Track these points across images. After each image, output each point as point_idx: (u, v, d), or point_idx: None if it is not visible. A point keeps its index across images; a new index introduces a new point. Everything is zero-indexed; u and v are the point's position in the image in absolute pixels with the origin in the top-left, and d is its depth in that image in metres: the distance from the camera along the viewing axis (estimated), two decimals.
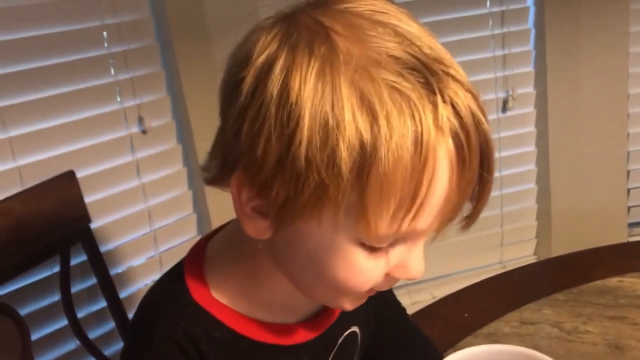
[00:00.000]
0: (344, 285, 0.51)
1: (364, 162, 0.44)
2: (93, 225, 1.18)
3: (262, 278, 0.57)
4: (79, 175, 1.15)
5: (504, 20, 1.66)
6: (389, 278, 0.52)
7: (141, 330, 0.58)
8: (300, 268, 0.53)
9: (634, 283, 0.95)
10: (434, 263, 1.68)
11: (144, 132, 1.36)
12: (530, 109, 1.76)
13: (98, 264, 1.17)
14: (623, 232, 1.88)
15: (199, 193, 1.46)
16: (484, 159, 0.49)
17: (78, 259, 1.21)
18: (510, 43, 1.67)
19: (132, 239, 1.37)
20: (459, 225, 0.52)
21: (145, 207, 1.38)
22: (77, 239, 1.15)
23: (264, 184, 0.47)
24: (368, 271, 0.51)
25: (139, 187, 1.37)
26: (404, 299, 0.81)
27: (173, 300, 0.57)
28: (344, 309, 0.57)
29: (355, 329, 0.67)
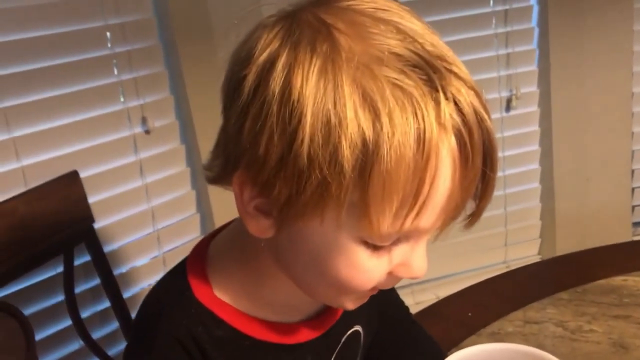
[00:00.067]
0: (347, 284, 0.51)
1: (366, 160, 0.44)
2: (96, 225, 1.18)
3: (265, 277, 0.57)
4: (82, 175, 1.15)
5: (508, 19, 1.65)
6: (391, 277, 0.52)
7: (144, 329, 0.58)
8: (302, 267, 0.53)
9: (639, 282, 0.95)
10: (438, 263, 1.67)
11: (147, 132, 1.36)
12: (534, 108, 1.75)
13: (102, 264, 1.17)
14: (627, 231, 1.87)
15: (203, 193, 1.46)
16: (487, 156, 0.49)
17: (82, 259, 1.21)
18: (514, 42, 1.67)
19: (136, 239, 1.37)
20: (462, 224, 0.52)
21: (149, 207, 1.38)
22: (81, 239, 1.15)
23: (266, 183, 0.47)
24: (371, 270, 0.50)
25: (143, 187, 1.37)
26: (407, 299, 0.81)
27: (176, 299, 0.57)
28: (347, 308, 0.57)
29: (358, 328, 0.67)
